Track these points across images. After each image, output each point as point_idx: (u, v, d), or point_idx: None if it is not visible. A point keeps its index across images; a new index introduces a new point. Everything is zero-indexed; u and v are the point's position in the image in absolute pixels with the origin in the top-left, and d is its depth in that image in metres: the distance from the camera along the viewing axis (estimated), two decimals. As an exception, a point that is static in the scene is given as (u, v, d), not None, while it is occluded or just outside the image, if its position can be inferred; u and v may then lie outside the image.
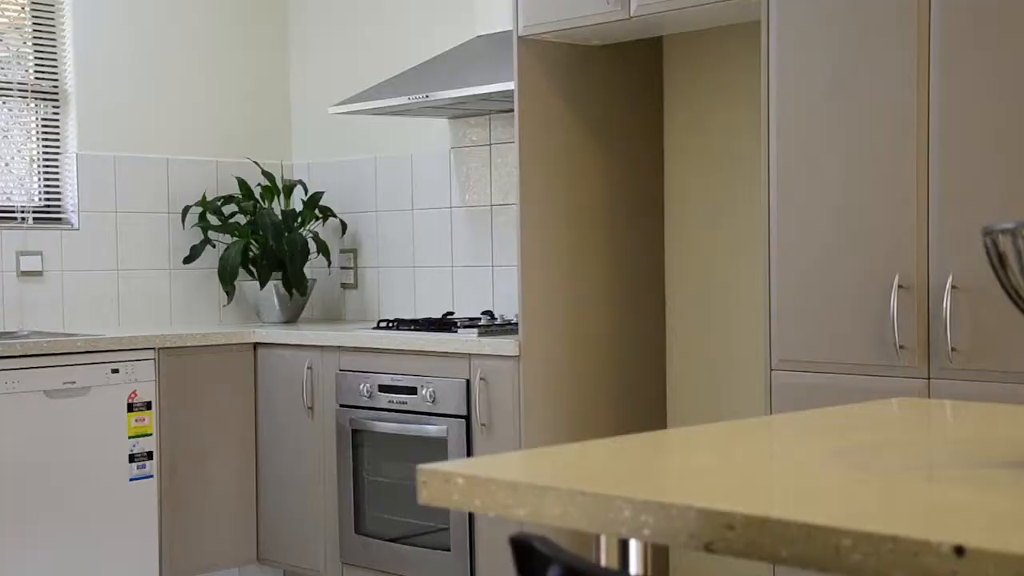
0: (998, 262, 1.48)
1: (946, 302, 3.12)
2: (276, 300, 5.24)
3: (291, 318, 5.31)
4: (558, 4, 3.98)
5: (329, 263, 5.50)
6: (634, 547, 1.53)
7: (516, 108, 4.11)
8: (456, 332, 4.33)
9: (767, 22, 3.46)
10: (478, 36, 4.84)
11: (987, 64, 3.05)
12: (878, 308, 3.25)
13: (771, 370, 3.49)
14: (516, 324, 4.31)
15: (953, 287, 3.11)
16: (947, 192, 3.13)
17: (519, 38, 4.10)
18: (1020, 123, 3.01)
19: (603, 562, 1.54)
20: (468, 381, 4.23)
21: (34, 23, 4.99)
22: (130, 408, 4.52)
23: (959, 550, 1.10)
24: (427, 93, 4.51)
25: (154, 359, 4.59)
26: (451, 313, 4.98)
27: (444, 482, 1.51)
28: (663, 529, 1.31)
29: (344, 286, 5.54)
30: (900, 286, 3.22)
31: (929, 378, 3.17)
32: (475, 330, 4.30)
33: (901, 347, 3.21)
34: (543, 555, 1.21)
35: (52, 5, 5.02)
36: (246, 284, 5.29)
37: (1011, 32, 3.02)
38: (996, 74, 3.04)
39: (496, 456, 1.59)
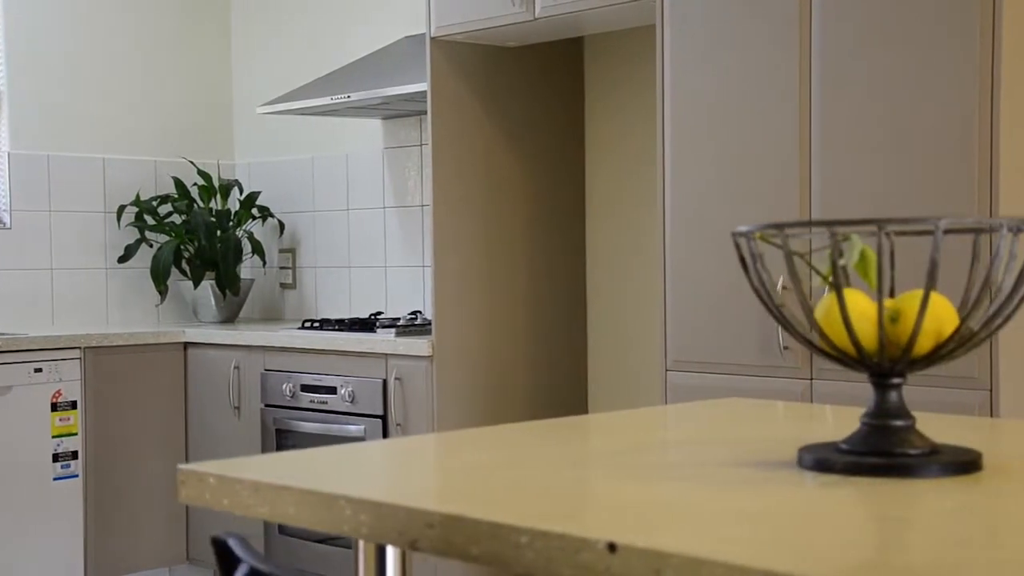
0: (741, 263, 1.50)
1: (827, 303, 3.13)
2: (212, 300, 5.27)
3: (228, 318, 5.34)
4: (466, 5, 4.00)
5: (264, 263, 5.52)
6: (391, 552, 1.55)
7: (429, 109, 4.14)
8: (376, 332, 4.35)
9: (661, 27, 3.48)
10: (406, 36, 4.86)
11: (864, 71, 3.07)
12: (764, 310, 3.26)
13: (666, 370, 3.51)
14: (434, 324, 4.33)
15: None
16: (828, 196, 3.15)
17: (432, 39, 4.13)
18: (896, 128, 3.03)
19: (360, 566, 1.56)
20: (385, 381, 4.25)
21: (-34, 24, 5.01)
22: (54, 408, 4.54)
23: (612, 547, 1.12)
24: (349, 93, 4.53)
25: (80, 358, 4.61)
26: (380, 313, 5.00)
27: (198, 481, 1.53)
28: (377, 528, 1.33)
29: (283, 286, 5.56)
30: (784, 288, 3.23)
31: (811, 379, 3.19)
32: (394, 330, 4.32)
33: (785, 348, 3.23)
34: (235, 555, 1.23)
35: (-16, 6, 5.04)
36: (183, 284, 5.32)
37: (887, 40, 3.04)
38: (872, 81, 3.06)
39: (254, 456, 1.61)
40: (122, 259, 5.26)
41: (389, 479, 1.50)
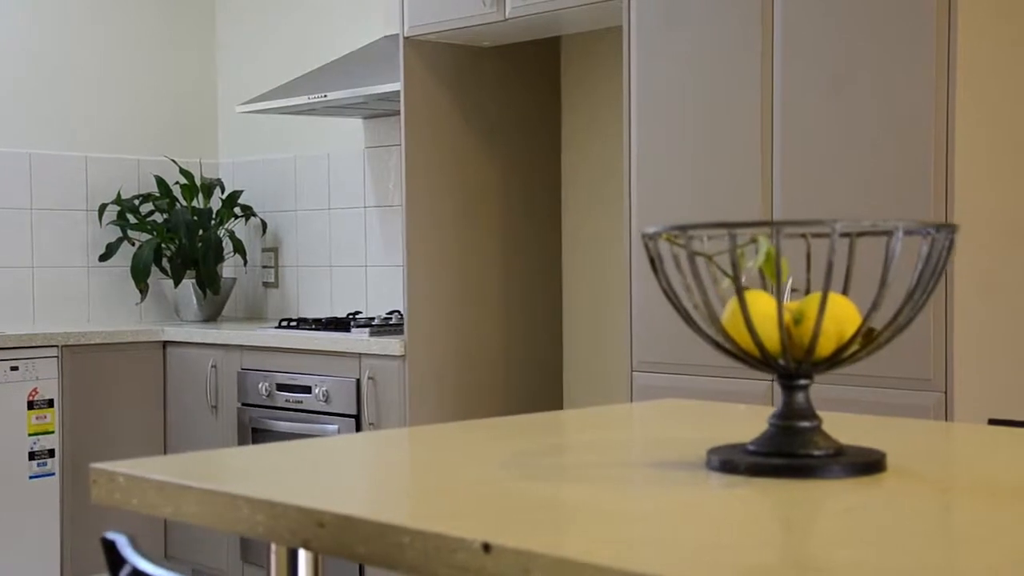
0: (651, 264, 1.50)
1: (788, 304, 3.12)
2: (194, 299, 5.27)
3: (210, 316, 5.34)
4: (439, 5, 4.00)
5: (246, 262, 5.52)
6: (303, 555, 1.55)
7: (402, 109, 4.14)
8: (350, 332, 4.35)
9: (628, 26, 3.48)
10: (385, 36, 4.86)
11: (826, 72, 3.07)
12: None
13: (632, 371, 3.51)
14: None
15: (793, 290, 3.12)
16: (790, 193, 3.15)
17: (405, 39, 4.13)
18: (856, 127, 3.02)
19: (272, 566, 1.56)
20: (358, 380, 4.25)
21: (-53, 23, 5.02)
22: (30, 406, 4.55)
23: (486, 547, 1.12)
24: (326, 93, 4.53)
25: (57, 357, 4.61)
26: (359, 312, 5.00)
27: (109, 481, 1.53)
28: (272, 527, 1.33)
29: (266, 285, 5.57)
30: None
31: (772, 380, 3.18)
32: (368, 329, 4.32)
33: (748, 348, 3.22)
34: (121, 555, 1.23)
35: (-35, 5, 5.05)
36: (165, 283, 5.32)
37: (847, 41, 3.03)
38: (833, 80, 3.06)
39: (166, 456, 1.61)
40: (103, 257, 5.27)
41: (293, 479, 1.50)
